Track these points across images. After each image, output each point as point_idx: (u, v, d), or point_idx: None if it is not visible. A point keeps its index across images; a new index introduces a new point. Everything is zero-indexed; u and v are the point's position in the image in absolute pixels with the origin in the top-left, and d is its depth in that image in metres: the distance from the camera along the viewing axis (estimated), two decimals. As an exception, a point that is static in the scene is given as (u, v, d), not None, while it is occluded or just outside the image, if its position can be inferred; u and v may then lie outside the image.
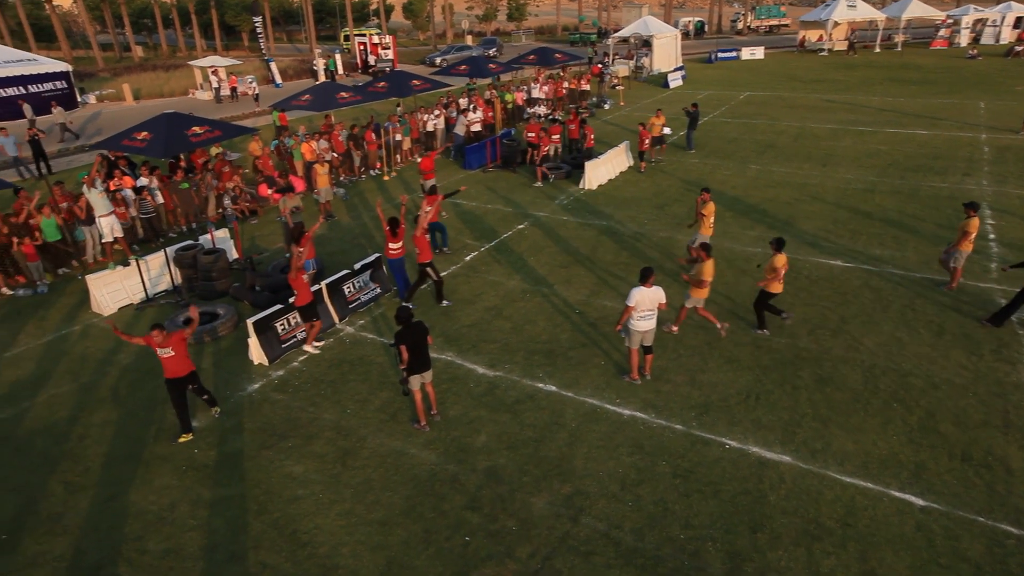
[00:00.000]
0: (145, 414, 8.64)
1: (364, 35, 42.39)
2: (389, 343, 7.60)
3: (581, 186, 17.76)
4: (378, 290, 11.61)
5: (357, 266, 11.29)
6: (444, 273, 12.67)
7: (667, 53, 38.19)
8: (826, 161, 19.48)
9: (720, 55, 42.27)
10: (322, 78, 38.86)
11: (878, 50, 43.99)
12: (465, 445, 7.83)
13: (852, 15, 42.78)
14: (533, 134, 18.72)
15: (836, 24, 42.94)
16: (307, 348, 9.85)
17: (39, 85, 29.59)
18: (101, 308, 11.30)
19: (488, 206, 16.44)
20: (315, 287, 10.52)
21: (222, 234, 13.21)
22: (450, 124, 22.24)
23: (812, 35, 45.00)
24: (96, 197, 11.99)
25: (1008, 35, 42.92)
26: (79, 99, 31.85)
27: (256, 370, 9.54)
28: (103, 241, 11.70)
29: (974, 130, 22.27)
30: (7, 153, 19.54)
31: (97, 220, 11.68)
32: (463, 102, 23.38)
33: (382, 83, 20.80)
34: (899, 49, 43.00)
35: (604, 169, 18.40)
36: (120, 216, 13.15)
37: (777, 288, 9.69)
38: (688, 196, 16.74)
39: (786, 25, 61.82)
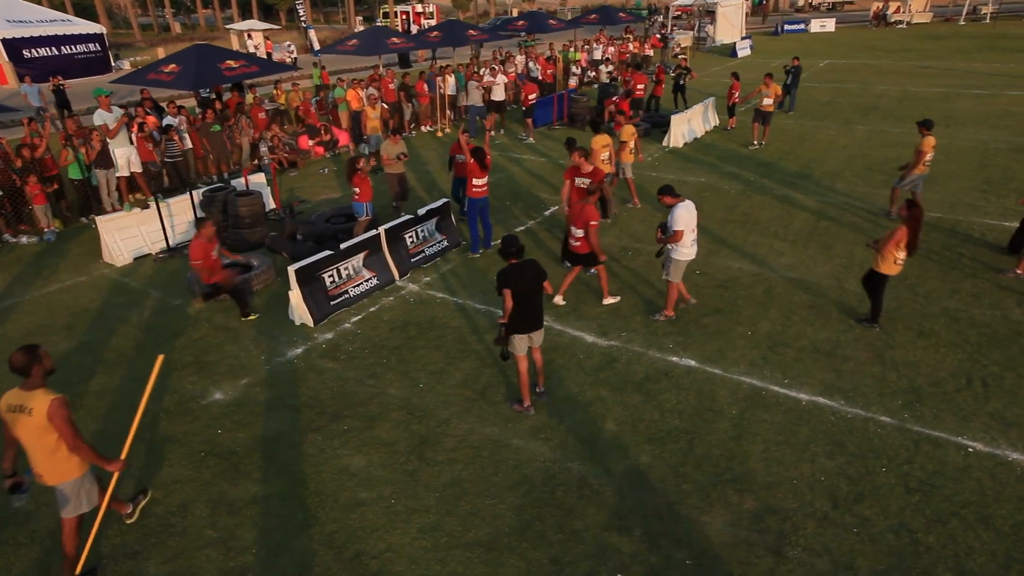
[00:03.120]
0: (157, 382, 6.60)
1: (408, 8, 40.42)
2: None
3: (665, 144, 15.38)
4: (445, 243, 9.45)
5: (422, 211, 9.15)
6: (520, 228, 10.48)
7: (731, 23, 35.32)
8: (947, 122, 16.70)
9: (787, 27, 39.14)
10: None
11: (962, 22, 40.27)
12: (588, 436, 5.61)
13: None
14: (642, 86, 17.02)
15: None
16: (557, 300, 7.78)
17: (72, 46, 28.18)
18: (113, 257, 9.38)
19: (561, 162, 14.17)
20: (372, 233, 8.42)
21: (258, 179, 11.21)
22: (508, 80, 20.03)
23: (890, 7, 41.42)
24: (113, 127, 9.89)
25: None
26: (113, 64, 30.44)
27: (298, 332, 7.47)
28: (118, 175, 9.70)
29: (1115, 93, 19.20)
30: (31, 103, 17.99)
31: (112, 152, 9.72)
32: (520, 60, 21.14)
33: (435, 32, 18.67)
34: (988, 21, 39.28)
35: (689, 126, 15.98)
36: (145, 156, 11.22)
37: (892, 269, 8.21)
38: (793, 155, 14.25)
39: (851, 2, 57.84)
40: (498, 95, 17.16)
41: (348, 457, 5.42)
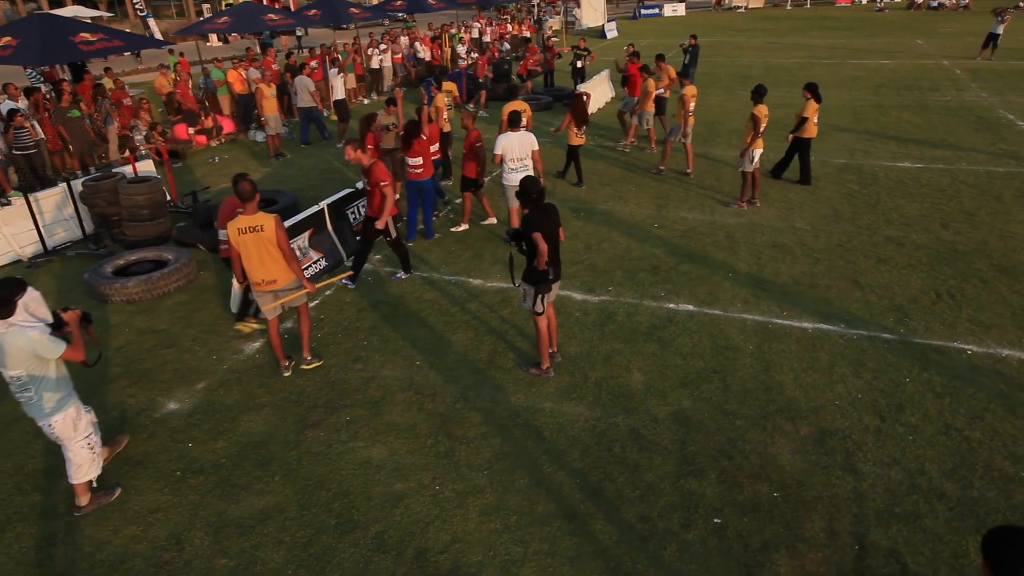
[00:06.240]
0: (86, 399, 5.30)
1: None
2: (504, 237, 4.90)
3: (573, 114, 15.39)
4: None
5: (360, 185, 8.26)
6: (459, 200, 9.85)
7: (594, 8, 36.54)
8: (813, 86, 18.28)
9: (644, 12, 41.29)
10: (214, 40, 33.89)
11: (789, 7, 44.77)
12: (619, 388, 5.24)
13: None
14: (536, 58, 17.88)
15: (752, -20, 43.17)
16: None
17: None
18: (-28, 267, 7.56)
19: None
20: (314, 209, 7.45)
21: (146, 166, 9.60)
22: (394, 63, 19.12)
23: (728, -8, 45.03)
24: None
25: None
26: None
27: (246, 324, 6.38)
28: (-33, 166, 7.78)
29: (933, 59, 22.04)
30: None
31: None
32: (404, 40, 20.27)
33: (314, 10, 17.30)
34: (808, 5, 43.99)
35: (593, 97, 16.11)
36: (-14, 147, 9.20)
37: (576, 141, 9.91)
38: (695, 117, 14.82)
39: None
40: (338, 94, 13.98)
41: (365, 449, 4.62)
